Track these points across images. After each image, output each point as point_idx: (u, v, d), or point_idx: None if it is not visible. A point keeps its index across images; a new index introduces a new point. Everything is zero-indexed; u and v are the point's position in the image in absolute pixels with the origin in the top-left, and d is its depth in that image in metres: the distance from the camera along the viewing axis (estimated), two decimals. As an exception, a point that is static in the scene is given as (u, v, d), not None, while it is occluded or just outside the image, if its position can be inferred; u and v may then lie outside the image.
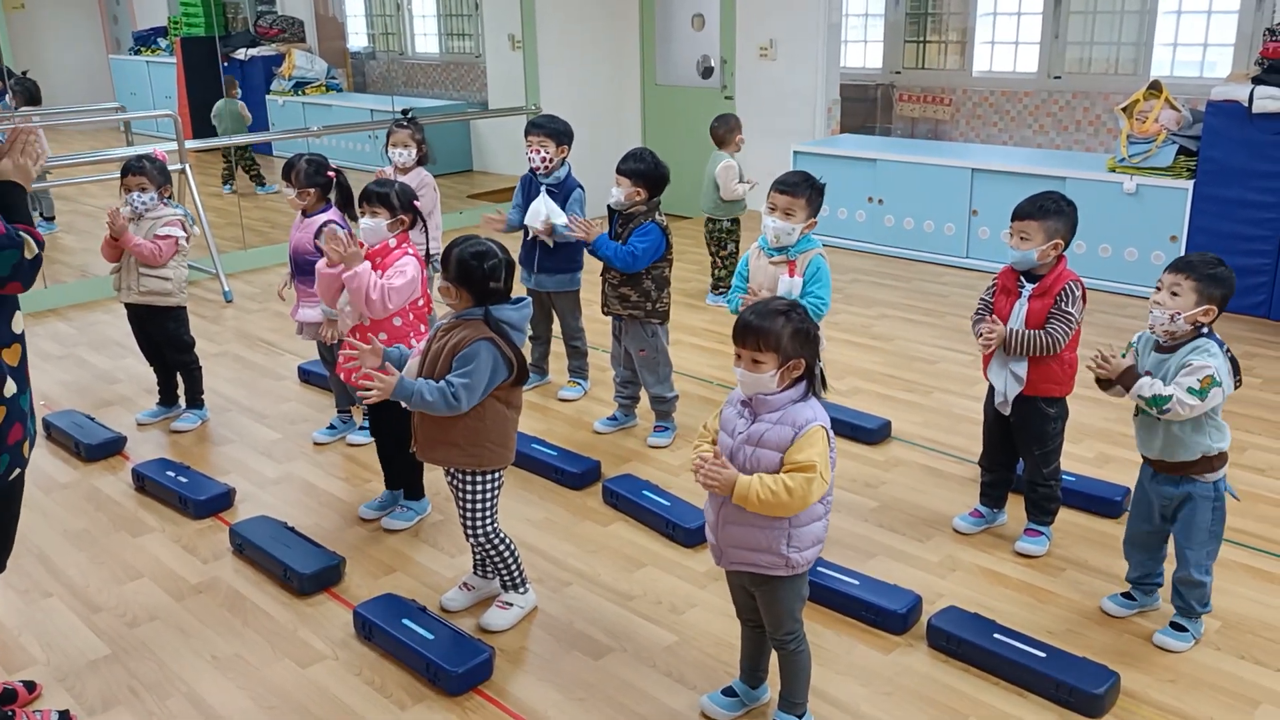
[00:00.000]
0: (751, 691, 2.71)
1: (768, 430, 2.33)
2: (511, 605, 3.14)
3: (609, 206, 4.16)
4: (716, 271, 6.18)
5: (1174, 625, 2.98)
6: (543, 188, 4.47)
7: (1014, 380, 3.26)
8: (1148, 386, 2.74)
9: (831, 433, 2.36)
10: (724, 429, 2.45)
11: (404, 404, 2.86)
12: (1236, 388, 2.80)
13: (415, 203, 3.54)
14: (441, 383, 2.81)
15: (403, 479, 3.74)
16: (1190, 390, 2.69)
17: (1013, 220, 3.20)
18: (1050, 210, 3.16)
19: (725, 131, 5.93)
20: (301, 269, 4.14)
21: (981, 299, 3.40)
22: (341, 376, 3.65)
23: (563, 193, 4.46)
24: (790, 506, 2.29)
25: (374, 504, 3.78)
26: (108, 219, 4.18)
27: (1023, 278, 3.24)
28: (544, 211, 4.41)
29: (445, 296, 2.92)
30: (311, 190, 4.08)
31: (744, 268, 3.74)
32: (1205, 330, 2.78)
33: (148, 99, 12.79)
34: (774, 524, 2.36)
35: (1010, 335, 3.20)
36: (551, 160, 4.44)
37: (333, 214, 4.10)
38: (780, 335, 2.30)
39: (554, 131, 4.46)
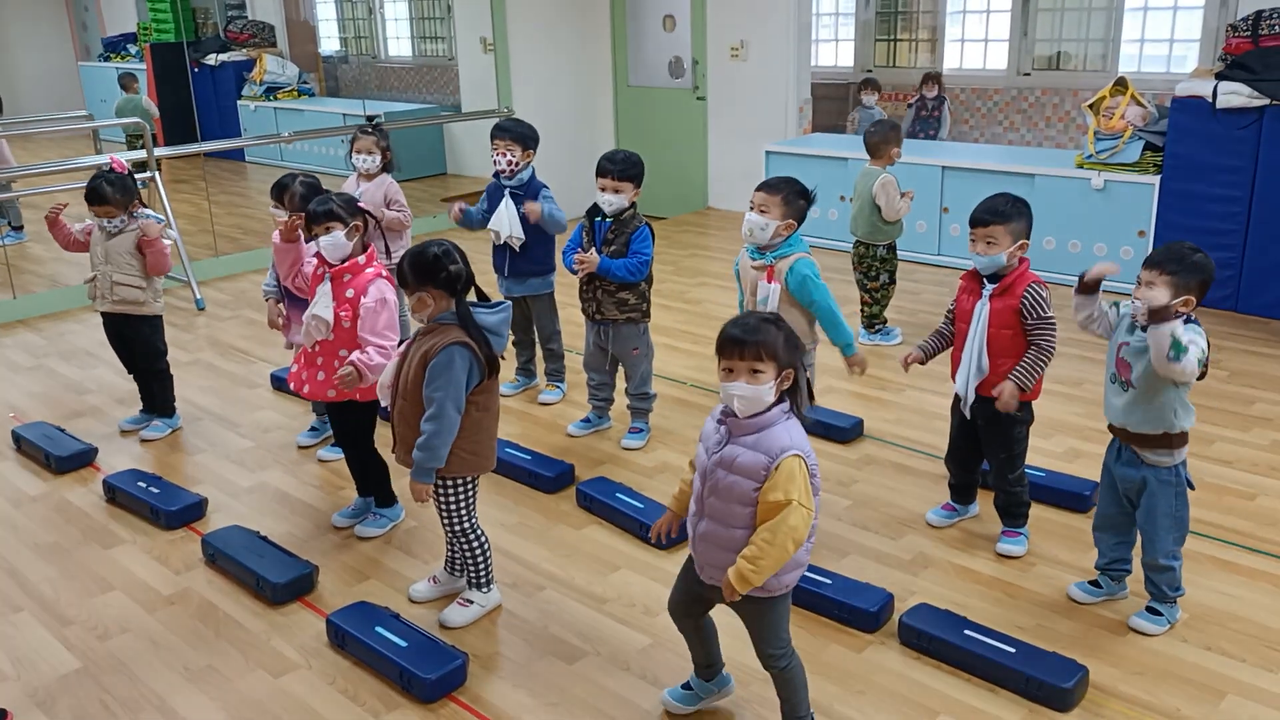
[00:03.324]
0: (706, 685, 2.72)
1: (740, 455, 2.29)
2: (471, 603, 3.17)
3: (595, 213, 4.09)
4: (869, 308, 5.42)
5: (1149, 609, 3.03)
6: (506, 192, 4.46)
7: (976, 372, 3.28)
8: (1181, 335, 2.67)
9: (812, 459, 2.31)
10: (702, 442, 2.42)
11: (443, 461, 2.91)
12: (1200, 379, 2.83)
13: (360, 205, 3.53)
14: (427, 412, 2.86)
15: (373, 486, 3.74)
16: (1202, 351, 2.72)
17: (975, 227, 3.22)
18: (1011, 213, 3.19)
19: (880, 141, 5.23)
20: (292, 296, 4.05)
21: (942, 323, 3.48)
22: (291, 386, 3.63)
23: (528, 195, 4.45)
24: (783, 553, 2.24)
25: (346, 512, 3.77)
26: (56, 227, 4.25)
27: (985, 278, 3.26)
28: (506, 222, 4.42)
29: (420, 310, 2.91)
30: (304, 215, 3.98)
31: (736, 265, 3.73)
32: (1186, 318, 2.80)
33: (117, 106, 12.68)
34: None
35: (1010, 387, 3.18)
36: (517, 164, 4.43)
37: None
38: (776, 343, 2.26)
39: (520, 135, 4.45)
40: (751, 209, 3.55)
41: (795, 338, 2.32)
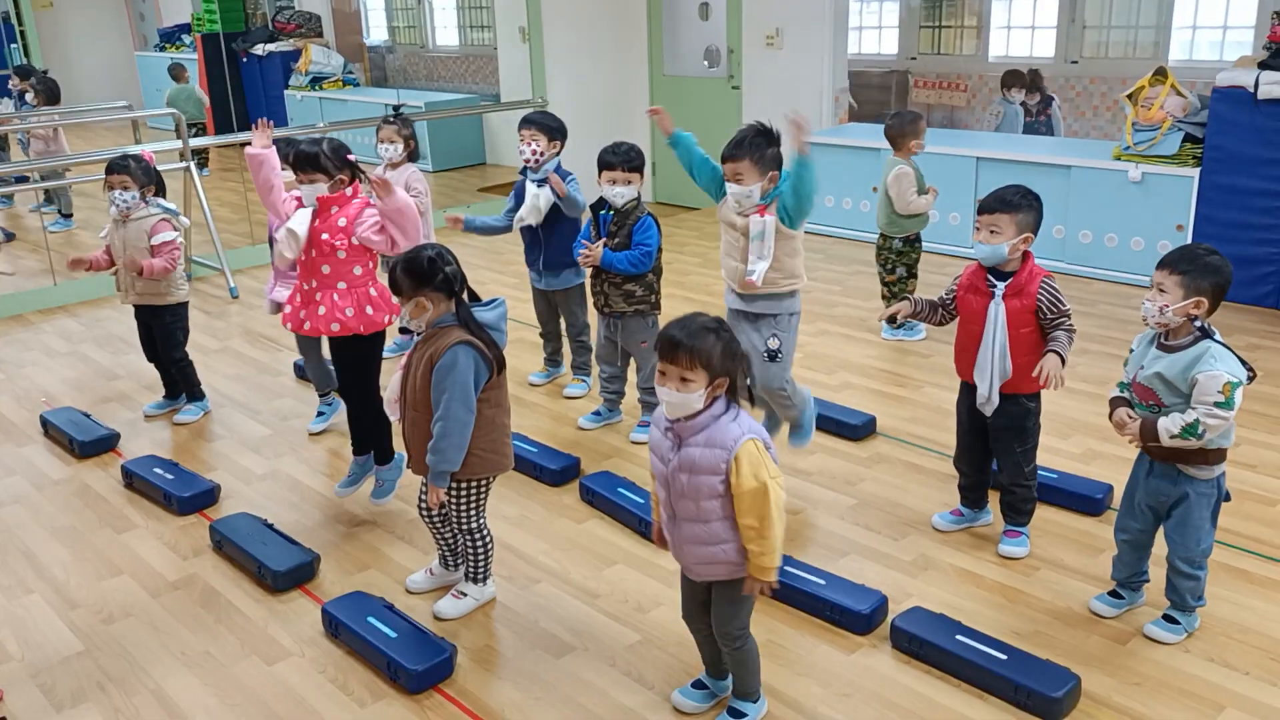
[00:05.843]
0: (720, 682, 2.73)
1: (699, 455, 2.32)
2: (465, 596, 3.19)
3: (600, 206, 4.11)
4: (889, 302, 5.28)
5: (1166, 617, 2.95)
6: (535, 183, 4.46)
7: (1000, 374, 3.17)
8: (1175, 425, 2.65)
9: (764, 435, 2.35)
10: (654, 453, 2.46)
11: (457, 464, 2.92)
12: (1251, 380, 2.70)
13: (349, 157, 3.60)
14: (437, 414, 2.87)
15: (371, 442, 3.78)
16: (1218, 405, 2.61)
17: (980, 214, 3.15)
18: (1019, 204, 3.10)
19: (899, 133, 5.05)
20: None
21: (941, 299, 3.34)
22: (289, 327, 3.70)
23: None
24: (777, 530, 2.33)
25: (345, 481, 3.82)
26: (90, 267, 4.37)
27: (991, 276, 3.18)
28: (541, 200, 4.42)
29: (419, 315, 2.90)
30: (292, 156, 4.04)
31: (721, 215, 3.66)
32: (1200, 324, 2.70)
33: (172, 95, 12.92)
34: (724, 541, 2.38)
35: (1055, 358, 3.05)
36: (543, 154, 4.44)
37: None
38: (711, 353, 2.27)
39: (547, 127, 4.46)
40: (727, 179, 3.49)
41: (734, 347, 2.31)
